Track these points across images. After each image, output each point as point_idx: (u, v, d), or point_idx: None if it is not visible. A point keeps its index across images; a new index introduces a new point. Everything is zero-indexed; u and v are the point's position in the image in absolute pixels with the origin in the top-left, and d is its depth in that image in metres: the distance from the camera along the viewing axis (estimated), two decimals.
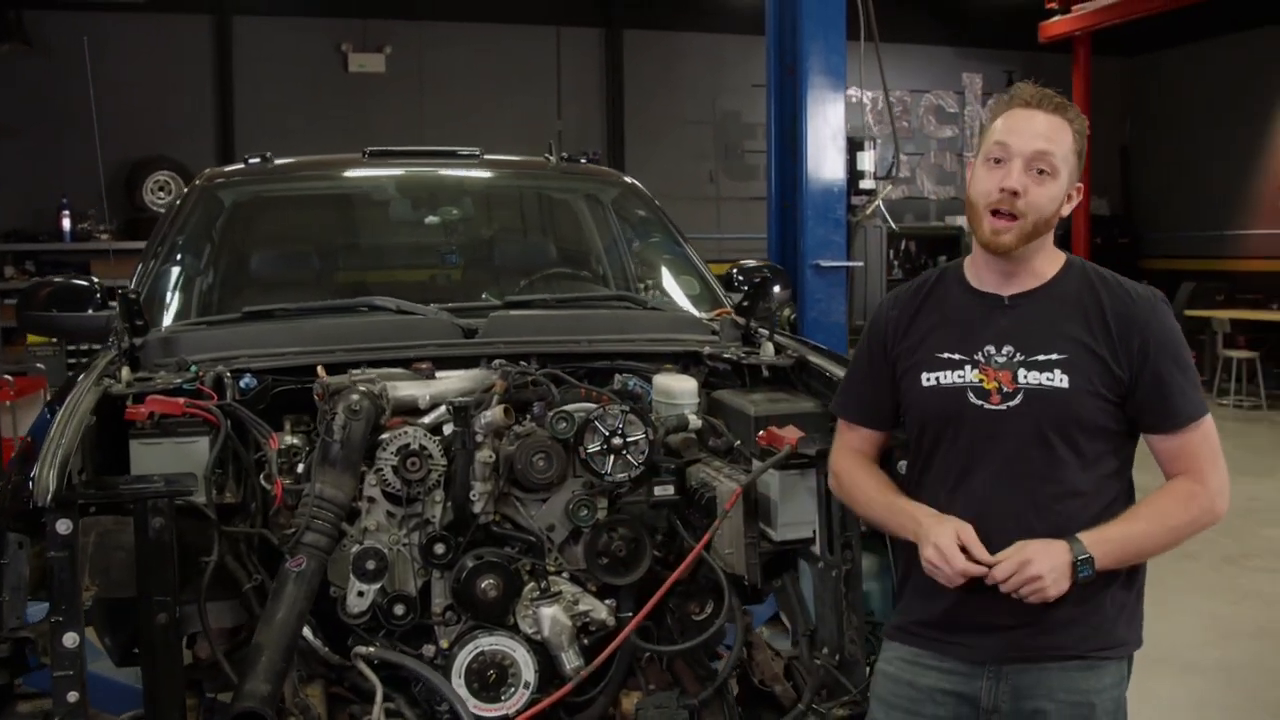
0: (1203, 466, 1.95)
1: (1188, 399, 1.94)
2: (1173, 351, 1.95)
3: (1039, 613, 1.90)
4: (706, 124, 13.54)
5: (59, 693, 2.04)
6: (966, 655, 1.98)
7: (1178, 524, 1.94)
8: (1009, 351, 1.95)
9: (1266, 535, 6.62)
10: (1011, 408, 1.93)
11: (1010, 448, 1.93)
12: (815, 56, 4.88)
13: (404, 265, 4.01)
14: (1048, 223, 1.96)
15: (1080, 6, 12.48)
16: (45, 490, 1.98)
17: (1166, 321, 1.97)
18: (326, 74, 12.14)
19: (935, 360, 2.00)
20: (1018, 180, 1.92)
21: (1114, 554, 1.89)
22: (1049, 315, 1.96)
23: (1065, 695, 1.93)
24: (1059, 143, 1.95)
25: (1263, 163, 13.20)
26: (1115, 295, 1.97)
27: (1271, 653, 4.83)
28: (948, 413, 1.99)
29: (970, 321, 2.00)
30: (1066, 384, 1.91)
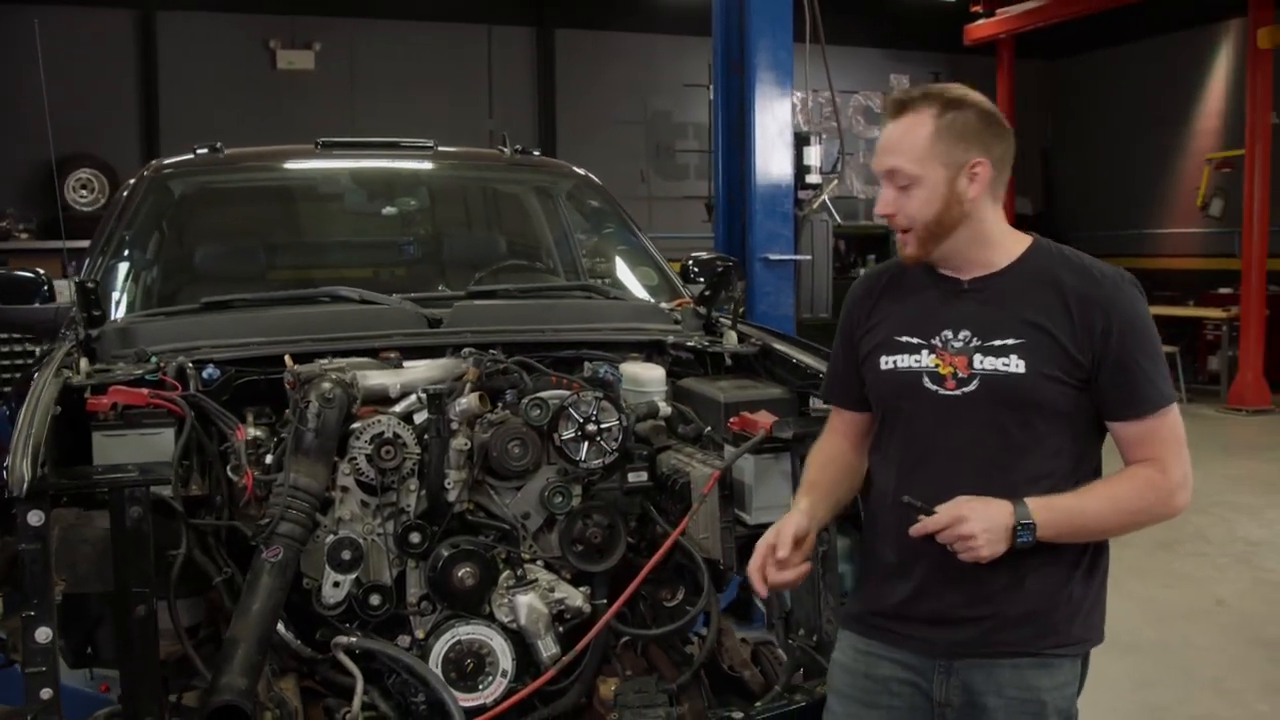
0: (1165, 456, 1.86)
1: (1152, 386, 1.85)
2: (1138, 336, 1.85)
3: (993, 608, 1.87)
4: (638, 124, 13.57)
5: (31, 690, 1.99)
6: (919, 648, 1.94)
7: (1131, 509, 1.86)
8: (966, 336, 1.89)
9: (1195, 522, 6.82)
10: (966, 393, 1.87)
11: (966, 433, 1.88)
12: (763, 53, 4.91)
13: (360, 256, 3.96)
14: (940, 222, 1.87)
15: (1004, 10, 12.73)
16: (20, 480, 1.92)
17: (1133, 305, 1.87)
18: (254, 71, 11.94)
19: (894, 344, 1.95)
20: (883, 203, 1.91)
21: (1059, 524, 1.81)
22: (1009, 299, 1.89)
23: (1015, 692, 1.88)
24: (907, 146, 1.86)
25: (1179, 164, 13.61)
26: (1079, 277, 1.88)
27: (1203, 632, 4.99)
28: (904, 397, 1.94)
29: (930, 305, 1.95)
30: (1023, 369, 1.84)
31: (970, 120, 1.86)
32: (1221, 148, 12.68)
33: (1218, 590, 5.55)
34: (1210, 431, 10.12)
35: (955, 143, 1.85)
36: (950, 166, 1.85)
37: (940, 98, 1.88)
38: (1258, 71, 10.64)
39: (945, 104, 1.86)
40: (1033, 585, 1.87)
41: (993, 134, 1.88)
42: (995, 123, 1.90)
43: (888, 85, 14.74)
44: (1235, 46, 12.71)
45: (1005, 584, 1.86)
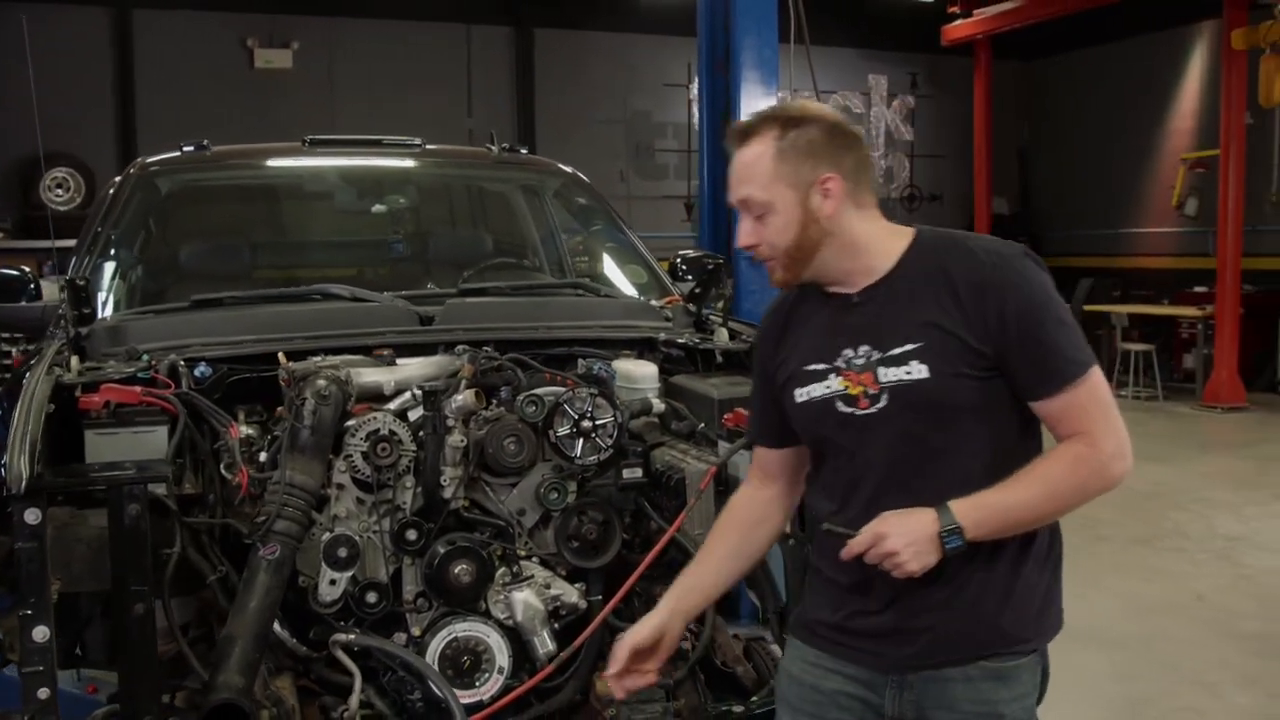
0: (1092, 427, 1.75)
1: (1061, 358, 1.75)
2: (1035, 311, 1.75)
3: (940, 617, 1.80)
4: (617, 123, 13.59)
5: (29, 690, 1.97)
6: (869, 662, 1.87)
7: (1064, 490, 1.76)
8: (866, 351, 1.81)
9: (1173, 518, 6.90)
10: (880, 409, 1.80)
11: (890, 451, 1.81)
12: (748, 51, 4.93)
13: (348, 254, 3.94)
14: (801, 245, 1.81)
15: (981, 11, 12.82)
16: (19, 478, 1.91)
17: (1025, 280, 1.77)
18: (232, 70, 11.87)
19: (803, 374, 1.88)
20: (743, 236, 1.86)
21: (990, 521, 1.73)
22: (900, 303, 1.81)
23: (970, 706, 1.81)
24: (754, 173, 1.81)
25: (1154, 164, 13.74)
26: (965, 264, 1.79)
27: (1183, 627, 5.04)
28: (824, 425, 1.87)
29: (827, 327, 1.88)
30: (926, 373, 1.76)
31: (814, 136, 1.80)
32: (1196, 148, 12.80)
33: (1197, 585, 5.60)
34: (1186, 429, 10.23)
35: (801, 162, 1.79)
36: (799, 187, 1.79)
37: (779, 119, 1.82)
38: (1232, 72, 10.74)
39: (785, 124, 1.80)
40: (979, 588, 1.80)
41: (840, 146, 1.82)
42: (841, 134, 1.84)
43: (866, 85, 14.82)
44: (1209, 48, 12.84)
45: (951, 591, 1.80)
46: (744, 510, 2.07)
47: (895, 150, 15.15)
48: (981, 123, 13.79)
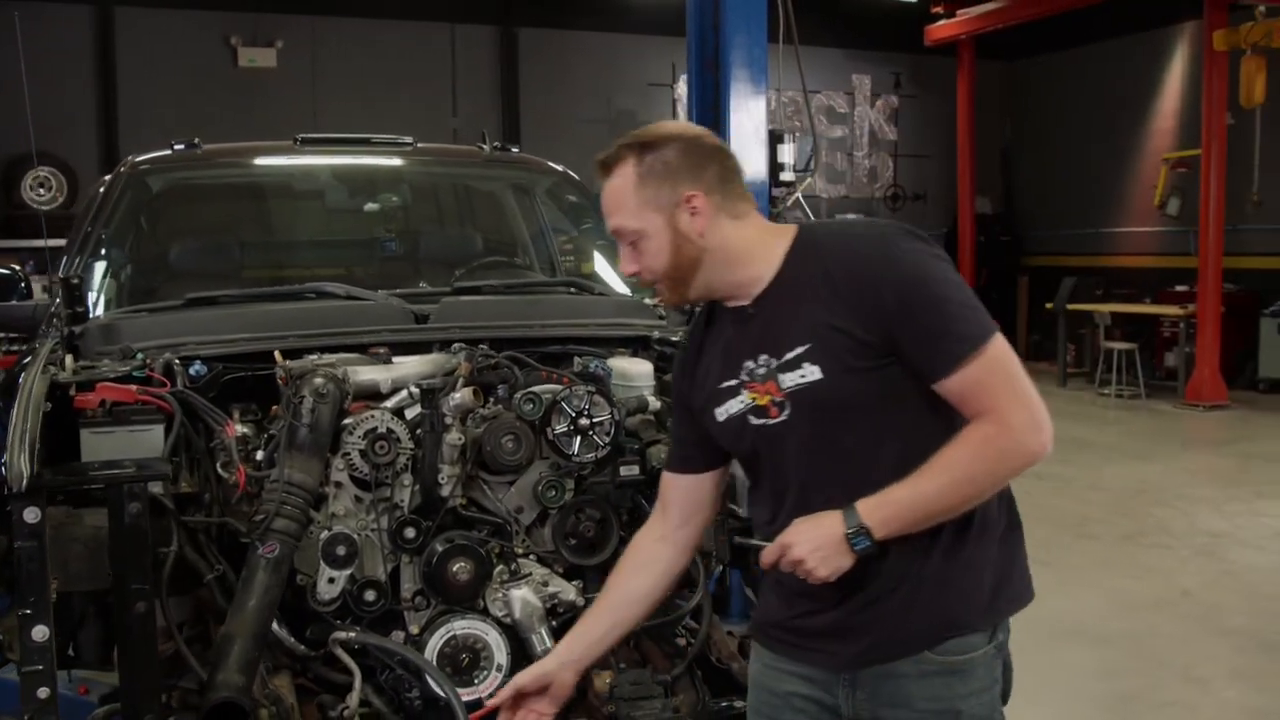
0: (997, 403, 1.69)
1: (950, 336, 1.70)
2: (915, 291, 1.71)
3: (883, 611, 1.78)
4: (602, 122, 13.55)
5: (28, 689, 1.96)
6: (820, 661, 1.86)
7: (975, 474, 1.70)
8: (765, 360, 1.80)
9: (1158, 515, 6.95)
10: (788, 417, 1.79)
11: (805, 456, 1.80)
12: (738, 50, 4.92)
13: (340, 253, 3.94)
14: (679, 265, 1.81)
15: (964, 11, 12.88)
16: (20, 476, 1.90)
17: (900, 261, 1.73)
18: (215, 68, 11.81)
19: (719, 393, 1.87)
20: (625, 264, 1.88)
21: (898, 518, 1.70)
22: (788, 306, 1.79)
23: (926, 704, 1.79)
24: (620, 202, 1.82)
25: (1136, 164, 13.83)
26: (840, 255, 1.77)
27: (1171, 621, 5.09)
28: (744, 441, 1.86)
29: (732, 342, 1.87)
30: (820, 374, 1.75)
31: (670, 157, 1.79)
32: (1177, 148, 12.90)
33: (1183, 581, 5.65)
34: (1168, 427, 10.31)
35: (661, 184, 1.79)
36: (664, 209, 1.79)
37: (635, 145, 1.81)
38: (1214, 73, 10.83)
39: (641, 150, 1.80)
40: (920, 576, 1.77)
41: (699, 160, 1.80)
42: (698, 148, 1.82)
43: (850, 85, 14.88)
44: (1190, 48, 12.94)
45: (892, 583, 1.77)
46: (631, 554, 2.08)
47: (879, 150, 15.22)
48: (965, 123, 13.87)
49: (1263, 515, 6.92)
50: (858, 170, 15.11)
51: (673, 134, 1.83)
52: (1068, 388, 12.45)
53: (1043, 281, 13.54)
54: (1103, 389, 11.70)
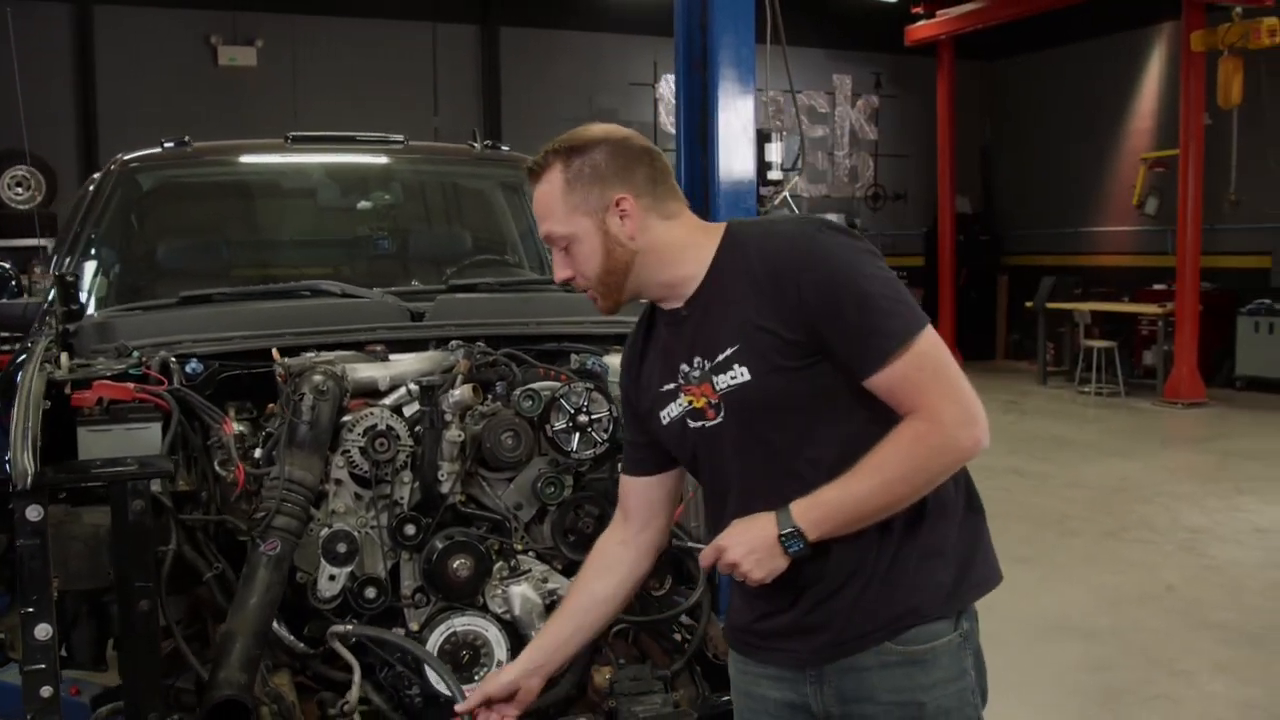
0: (927, 399, 1.66)
1: (873, 332, 1.66)
2: (837, 287, 1.68)
3: (839, 604, 1.76)
4: (583, 122, 13.50)
5: (31, 688, 1.95)
6: (785, 660, 1.84)
7: (907, 471, 1.67)
8: (699, 363, 1.79)
9: (1140, 511, 7.02)
10: (724, 418, 1.77)
11: (740, 457, 1.78)
12: (726, 50, 4.92)
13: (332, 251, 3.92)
14: (611, 269, 1.80)
15: (944, 12, 12.97)
16: (24, 474, 1.89)
17: (825, 258, 1.70)
18: (195, 67, 11.75)
19: (660, 396, 1.86)
20: (559, 269, 1.85)
21: (830, 519, 1.68)
22: (716, 308, 1.78)
23: (890, 695, 1.76)
24: (550, 208, 1.80)
25: (1115, 163, 13.95)
26: (762, 252, 1.74)
27: (1156, 616, 5.14)
28: (684, 444, 1.86)
29: (669, 345, 1.86)
30: (748, 374, 1.73)
31: (597, 161, 1.77)
32: (1155, 147, 13.01)
33: (1166, 576, 5.70)
34: (1148, 424, 10.40)
35: (589, 189, 1.77)
36: (593, 213, 1.77)
37: (562, 150, 1.79)
38: (1191, 74, 10.93)
39: (568, 155, 1.78)
40: (874, 567, 1.74)
41: (627, 163, 1.78)
42: (626, 150, 1.79)
43: (830, 85, 14.94)
44: (1168, 49, 13.05)
45: (847, 576, 1.75)
46: (594, 558, 2.07)
47: (860, 150, 15.30)
48: (945, 122, 13.95)
49: (1242, 511, 7.00)
50: (838, 170, 15.18)
51: (599, 137, 1.80)
52: (1048, 386, 12.55)
53: (1022, 281, 13.64)
54: (1082, 387, 11.79)
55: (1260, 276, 11.82)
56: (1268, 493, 7.47)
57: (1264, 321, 11.53)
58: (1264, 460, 8.51)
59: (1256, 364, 11.63)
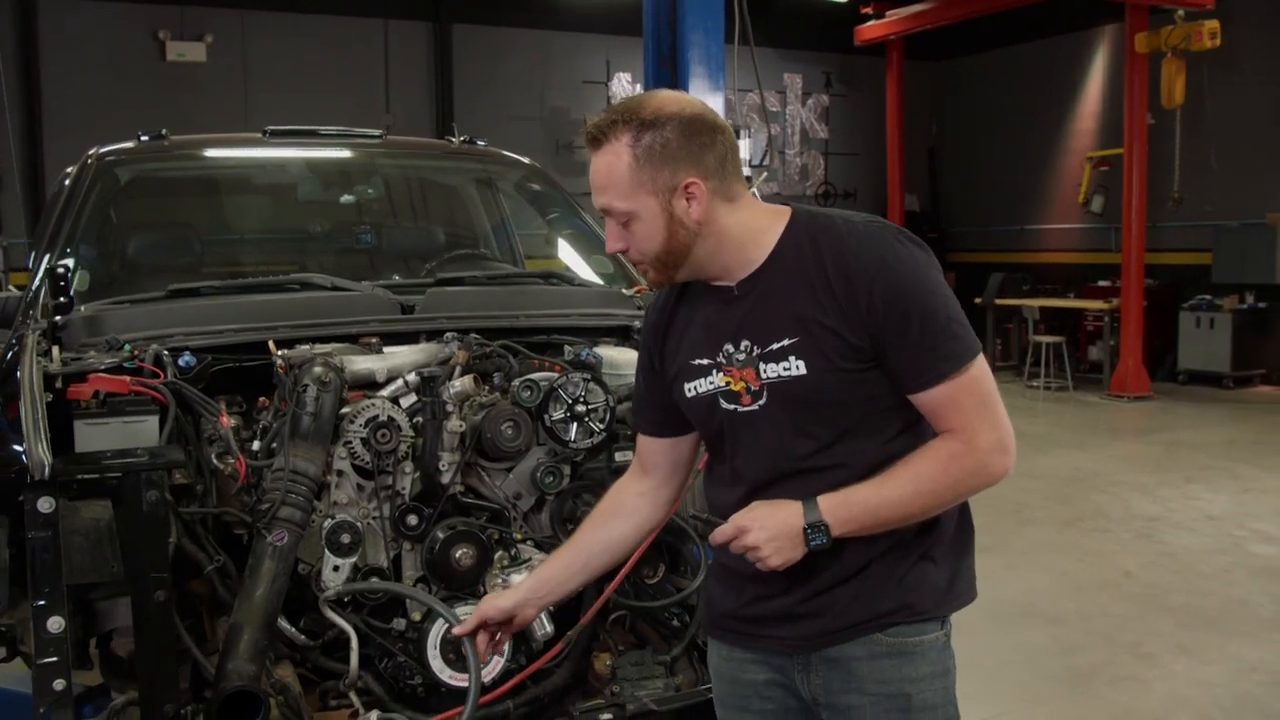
0: (968, 423, 1.70)
1: (934, 352, 1.69)
2: (906, 301, 1.68)
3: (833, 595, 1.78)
4: (535, 120, 13.56)
5: (43, 681, 1.94)
6: (775, 647, 1.85)
7: (936, 488, 1.70)
8: (747, 346, 1.76)
9: (1094, 500, 7.17)
10: (762, 406, 1.76)
11: (772, 446, 1.77)
12: (696, 49, 5.00)
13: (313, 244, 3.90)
14: (671, 249, 1.74)
15: (894, 12, 13.11)
16: (40, 465, 1.88)
17: (896, 268, 1.69)
18: (142, 62, 11.53)
19: (690, 368, 1.84)
20: (611, 241, 1.78)
21: (856, 519, 1.69)
22: (777, 294, 1.75)
23: (876, 687, 1.77)
24: (613, 182, 1.72)
25: (1060, 162, 14.20)
26: (836, 250, 1.71)
27: (1117, 601, 5.26)
28: (710, 421, 1.84)
29: (711, 320, 1.82)
30: (804, 369, 1.71)
31: (669, 139, 1.69)
32: (1100, 147, 13.27)
33: (1124, 563, 5.84)
34: (1096, 417, 10.61)
35: (659, 169, 1.69)
36: (660, 194, 1.71)
37: (632, 122, 1.70)
38: (1135, 75, 11.17)
39: (639, 128, 1.70)
40: (875, 563, 1.77)
41: (699, 145, 1.71)
42: (699, 131, 1.72)
43: (781, 84, 15.05)
44: (1111, 50, 13.32)
45: (843, 574, 1.77)
46: (609, 503, 2.06)
47: (810, 148, 15.43)
48: (894, 121, 14.11)
49: (1193, 499, 7.18)
50: (789, 168, 15.29)
51: (673, 113, 1.71)
52: (997, 380, 12.71)
53: (970, 278, 13.84)
54: (1031, 381, 12.01)
55: (1201, 273, 12.11)
56: (1215, 481, 7.68)
57: (1205, 317, 11.82)
58: (1209, 451, 8.74)
59: (1197, 358, 11.92)
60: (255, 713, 2.06)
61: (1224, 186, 11.82)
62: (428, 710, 2.45)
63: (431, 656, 2.43)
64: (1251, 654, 4.57)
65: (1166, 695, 4.18)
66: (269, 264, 3.81)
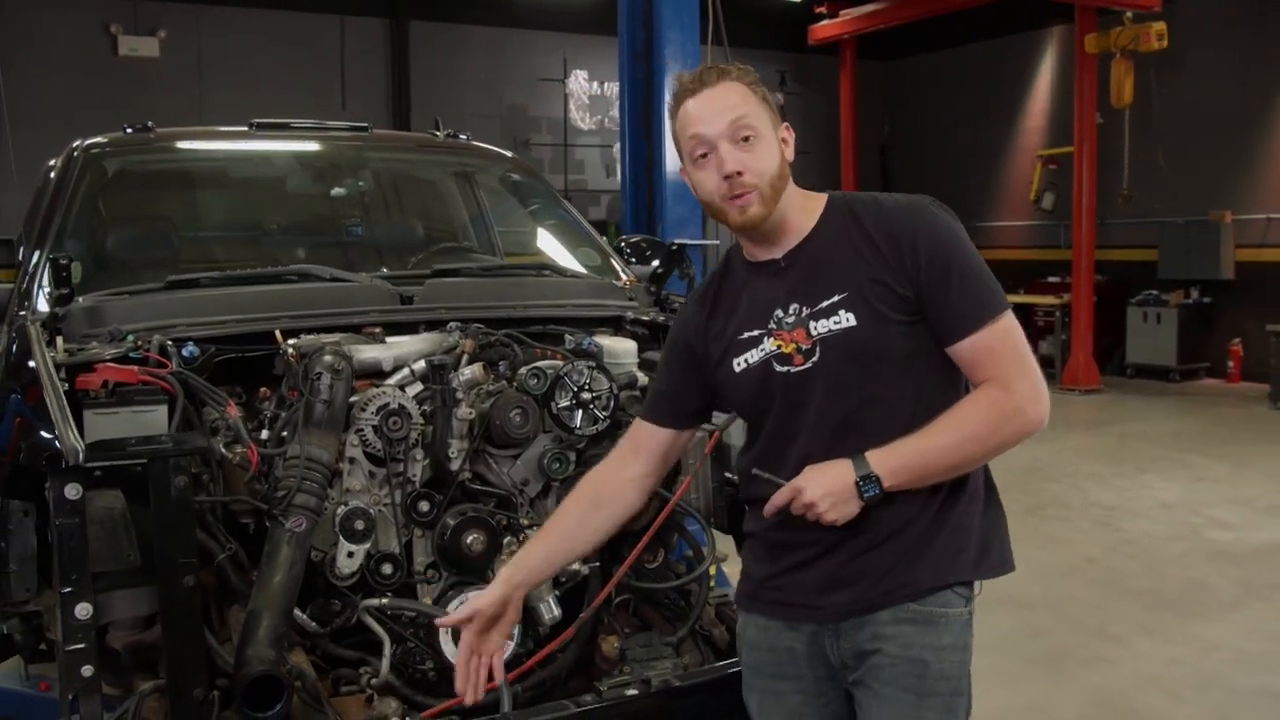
0: (1005, 371, 1.79)
1: (973, 300, 1.80)
2: (947, 253, 1.81)
3: (870, 563, 1.84)
4: (492, 117, 13.54)
5: (72, 667, 1.95)
6: (810, 616, 1.91)
7: (980, 434, 1.78)
8: (796, 309, 1.86)
9: (1053, 490, 7.34)
10: (814, 364, 1.84)
11: (824, 402, 1.84)
12: (672, 46, 5.05)
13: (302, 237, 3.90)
14: (781, 178, 1.86)
15: (847, 11, 13.26)
16: (75, 451, 1.88)
17: (935, 225, 1.84)
18: (95, 57, 11.37)
19: (739, 343, 1.92)
20: (732, 161, 1.82)
21: (906, 469, 1.77)
22: (823, 260, 1.87)
23: (898, 650, 1.84)
24: (742, 102, 1.85)
25: (1011, 160, 14.46)
26: (876, 215, 1.86)
27: (1082, 586, 5.41)
28: (763, 389, 1.90)
29: (758, 295, 1.92)
30: (855, 320, 1.81)
31: (766, 94, 1.90)
32: (1050, 145, 13.52)
33: (1086, 550, 6.00)
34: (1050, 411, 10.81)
35: (769, 107, 1.88)
36: (773, 130, 1.87)
37: (745, 75, 1.89)
38: (1085, 75, 11.41)
39: (751, 80, 1.89)
40: (909, 533, 1.83)
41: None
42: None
43: None
44: (1061, 50, 13.58)
45: (877, 539, 1.84)
46: (592, 486, 2.10)
47: None
48: (847, 120, 14.27)
49: (1147, 489, 7.38)
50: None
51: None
52: None
53: None
54: None
55: (1148, 269, 12.38)
56: (1167, 471, 7.89)
57: (1152, 311, 12.11)
58: (1159, 442, 8.97)
59: (1145, 352, 12.21)
60: (278, 697, 2.08)
61: (1171, 185, 12.11)
62: (439, 695, 2.48)
63: (443, 642, 2.46)
64: (1213, 633, 4.73)
65: (1136, 674, 4.32)
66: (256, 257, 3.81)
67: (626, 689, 2.33)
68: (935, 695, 1.85)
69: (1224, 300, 11.96)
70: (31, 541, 2.04)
